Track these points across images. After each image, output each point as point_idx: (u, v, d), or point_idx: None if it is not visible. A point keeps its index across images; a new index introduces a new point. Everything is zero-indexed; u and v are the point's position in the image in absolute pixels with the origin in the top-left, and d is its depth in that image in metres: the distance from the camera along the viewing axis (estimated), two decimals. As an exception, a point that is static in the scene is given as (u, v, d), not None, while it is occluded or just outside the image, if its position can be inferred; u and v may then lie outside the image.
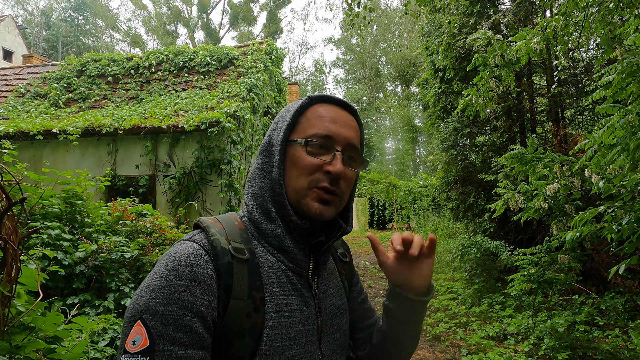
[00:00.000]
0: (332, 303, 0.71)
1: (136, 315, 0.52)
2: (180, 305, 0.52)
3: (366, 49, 28.84)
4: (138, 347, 0.50)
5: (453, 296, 5.35)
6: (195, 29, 29.92)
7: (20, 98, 8.49)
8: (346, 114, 0.69)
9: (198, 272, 0.55)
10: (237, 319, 0.56)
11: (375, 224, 17.60)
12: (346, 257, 0.85)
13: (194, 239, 0.61)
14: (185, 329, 0.52)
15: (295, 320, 0.62)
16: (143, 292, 0.54)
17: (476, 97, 4.53)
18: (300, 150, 0.64)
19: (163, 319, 0.51)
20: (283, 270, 0.64)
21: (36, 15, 27.49)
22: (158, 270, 0.55)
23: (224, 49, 8.12)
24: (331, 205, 0.65)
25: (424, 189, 8.44)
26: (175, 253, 0.57)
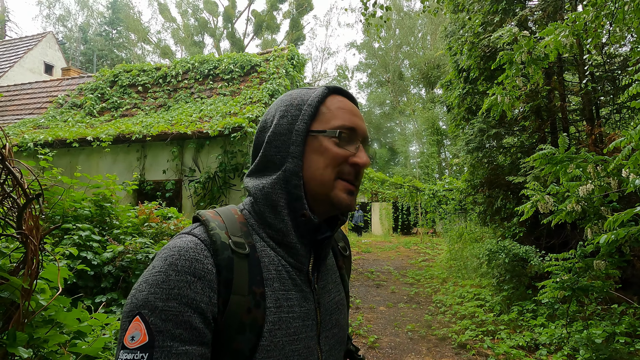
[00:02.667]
0: (331, 298, 0.70)
1: (135, 311, 0.51)
2: (180, 301, 0.51)
3: (389, 52, 28.63)
4: (137, 342, 0.50)
5: (480, 303, 5.14)
6: (221, 39, 30.82)
7: (59, 108, 9.03)
8: (355, 106, 0.70)
9: (198, 267, 0.54)
10: (238, 314, 0.55)
11: (400, 229, 17.30)
12: (346, 250, 0.83)
13: (194, 232, 0.59)
14: (185, 324, 0.51)
15: (295, 316, 0.61)
16: (142, 286, 0.53)
17: (502, 97, 4.38)
18: (328, 141, 0.63)
19: (162, 315, 0.50)
20: (283, 266, 0.63)
21: (75, 31, 29.27)
22: (157, 265, 0.54)
23: (246, 56, 8.30)
24: (355, 197, 0.65)
25: (449, 192, 8.21)
26: (175, 247, 0.56)
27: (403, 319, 4.88)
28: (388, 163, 26.27)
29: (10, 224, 0.89)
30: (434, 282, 6.96)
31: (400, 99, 28.41)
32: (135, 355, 0.49)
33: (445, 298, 5.70)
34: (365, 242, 14.35)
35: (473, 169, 6.83)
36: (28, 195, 0.88)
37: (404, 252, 11.59)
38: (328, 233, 0.66)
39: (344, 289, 0.77)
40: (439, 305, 5.44)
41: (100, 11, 30.01)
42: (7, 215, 0.90)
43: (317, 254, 0.67)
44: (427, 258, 10.07)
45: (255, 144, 0.70)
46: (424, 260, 9.74)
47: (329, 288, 0.71)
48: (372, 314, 5.14)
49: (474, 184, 6.93)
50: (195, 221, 0.64)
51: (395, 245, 13.39)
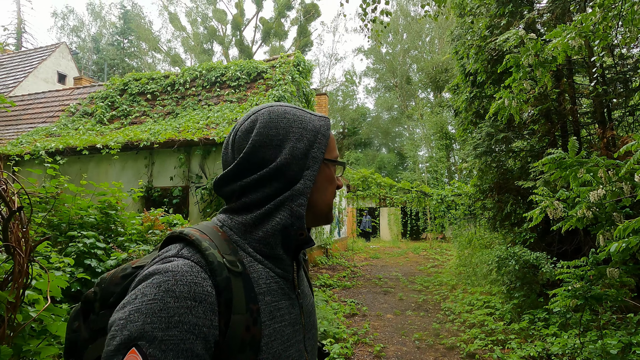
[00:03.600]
0: (308, 301, 0.75)
1: (129, 343, 0.48)
2: (181, 328, 0.49)
3: (396, 57, 28.60)
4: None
5: (490, 311, 5.02)
6: (229, 46, 31.21)
7: (71, 117, 9.22)
8: None
9: (198, 291, 0.52)
10: (238, 333, 0.55)
11: (409, 234, 17.11)
12: (305, 255, 0.89)
13: (183, 254, 0.57)
14: (186, 353, 0.49)
15: (286, 324, 0.63)
16: (133, 316, 0.50)
17: (509, 100, 4.32)
18: (333, 169, 0.72)
19: (162, 345, 0.48)
20: (272, 277, 0.64)
21: (88, 42, 30.01)
22: (148, 292, 0.51)
23: (253, 63, 8.37)
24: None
25: (458, 197, 8.09)
26: (167, 271, 0.53)
27: (410, 327, 4.79)
28: (397, 168, 26.12)
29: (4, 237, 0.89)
30: (443, 289, 6.84)
31: (408, 104, 28.30)
32: None
33: (454, 306, 5.59)
34: (373, 248, 14.23)
35: (482, 173, 6.73)
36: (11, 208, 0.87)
37: (412, 258, 11.45)
38: (312, 243, 0.70)
39: (311, 290, 0.83)
40: (448, 313, 5.33)
41: (113, 22, 30.73)
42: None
43: (297, 261, 0.72)
44: (436, 264, 9.92)
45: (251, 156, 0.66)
46: (433, 266, 9.59)
47: (305, 292, 0.76)
48: (378, 321, 5.06)
49: (483, 189, 6.82)
50: (176, 240, 0.61)
51: (404, 251, 13.24)
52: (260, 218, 0.64)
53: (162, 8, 30.63)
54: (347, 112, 31.55)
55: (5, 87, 12.14)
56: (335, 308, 5.39)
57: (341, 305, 5.62)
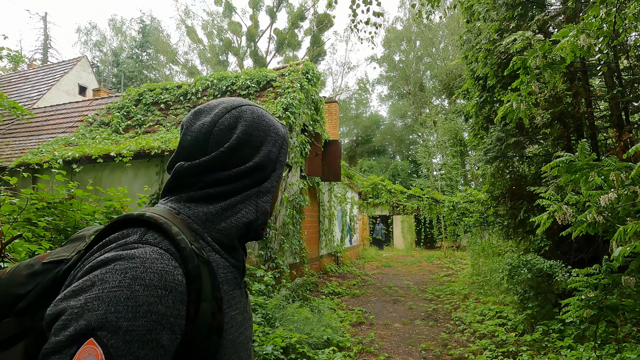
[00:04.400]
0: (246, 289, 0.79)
1: (87, 333, 0.44)
2: (149, 318, 0.47)
3: (409, 64, 28.51)
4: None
5: (502, 322, 4.84)
6: (244, 57, 31.83)
7: (89, 127, 9.54)
8: None
9: (168, 280, 0.50)
10: (206, 320, 0.55)
11: (423, 242, 16.80)
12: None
13: (148, 240, 0.53)
14: (151, 344, 0.46)
15: (239, 312, 0.65)
16: (92, 304, 0.46)
17: (517, 103, 4.22)
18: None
19: (127, 336, 0.45)
20: (227, 267, 0.65)
21: (109, 55, 31.20)
22: (111, 279, 0.48)
23: (262, 72, 8.49)
24: None
25: (470, 204, 7.90)
26: (134, 258, 0.50)
27: (418, 337, 4.66)
28: (410, 175, 25.81)
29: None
30: (455, 298, 6.65)
31: (422, 111, 28.08)
32: None
33: (465, 315, 5.41)
34: (386, 256, 14.02)
35: (493, 179, 6.56)
36: None
37: (426, 267, 11.21)
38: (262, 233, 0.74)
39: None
40: (458, 323, 5.16)
41: (133, 36, 31.89)
42: None
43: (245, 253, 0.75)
44: (449, 273, 9.67)
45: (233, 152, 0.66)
46: (446, 275, 9.36)
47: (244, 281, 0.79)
48: (386, 330, 4.94)
49: (495, 195, 6.64)
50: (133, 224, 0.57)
51: (417, 259, 12.99)
52: (224, 209, 0.65)
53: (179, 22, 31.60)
54: (361, 120, 31.53)
55: (30, 99, 12.70)
56: (342, 316, 5.30)
57: (348, 314, 5.52)
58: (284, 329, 3.64)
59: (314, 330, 3.90)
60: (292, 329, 3.80)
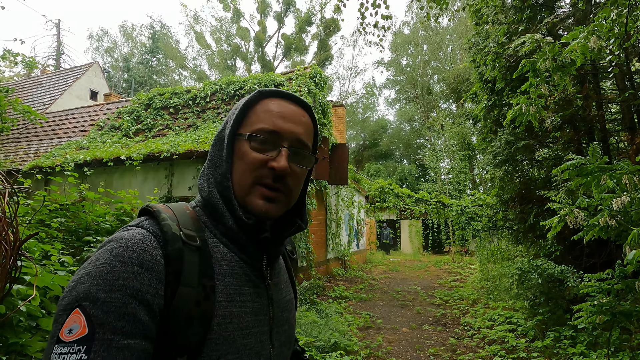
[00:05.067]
0: (282, 296, 0.72)
1: (74, 303, 0.49)
2: (124, 292, 0.50)
3: (417, 68, 28.47)
4: (75, 335, 0.47)
5: (512, 327, 4.77)
6: (252, 62, 32.11)
7: (100, 130, 9.69)
8: (297, 109, 0.68)
9: (146, 259, 0.53)
10: (186, 306, 0.54)
11: (431, 247, 16.66)
12: (294, 254, 0.86)
13: (142, 224, 0.59)
14: (128, 317, 0.49)
15: (247, 310, 0.61)
16: (83, 278, 0.51)
17: (527, 106, 4.19)
18: (246, 145, 0.64)
19: (104, 307, 0.49)
20: (237, 262, 0.63)
21: (120, 61, 31.72)
22: (101, 257, 0.53)
23: (270, 76, 8.55)
24: (277, 203, 0.64)
25: (479, 208, 7.83)
26: (121, 239, 0.55)
27: (426, 342, 4.61)
28: (418, 179, 25.67)
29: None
30: (463, 303, 6.57)
31: (430, 115, 27.97)
32: (71, 349, 0.47)
33: (474, 321, 5.35)
34: (393, 261, 13.92)
35: (502, 183, 6.49)
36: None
37: (433, 272, 11.11)
38: (266, 234, 0.65)
39: (293, 290, 0.79)
40: (467, 329, 5.10)
41: (143, 42, 32.40)
42: None
43: (268, 252, 0.68)
44: (458, 278, 9.57)
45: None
46: (455, 280, 9.26)
47: (281, 286, 0.73)
48: (393, 335, 4.90)
49: (504, 199, 6.57)
50: (143, 214, 0.64)
51: (425, 264, 12.88)
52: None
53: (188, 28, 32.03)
54: (368, 124, 31.51)
55: (43, 104, 12.97)
56: (349, 320, 5.27)
57: (355, 318, 5.49)
58: (291, 332, 3.64)
59: (322, 334, 3.89)
60: (300, 332, 3.79)
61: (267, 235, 0.65)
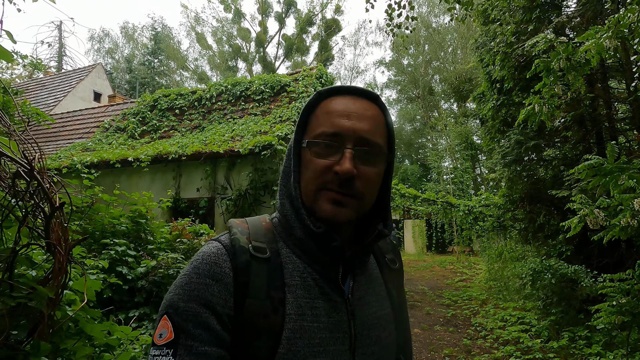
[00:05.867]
0: (370, 312, 0.65)
1: (163, 310, 0.55)
2: (198, 302, 0.54)
3: (418, 68, 28.48)
4: (164, 339, 0.52)
5: (525, 327, 4.76)
6: (253, 63, 32.12)
7: (105, 132, 9.68)
8: (362, 102, 0.63)
9: (216, 271, 0.56)
10: (253, 318, 0.55)
11: (434, 247, 16.63)
12: (395, 263, 0.77)
13: (220, 239, 0.63)
14: (203, 325, 0.53)
15: (321, 326, 0.58)
16: (172, 288, 0.57)
17: (540, 106, 4.18)
18: (308, 152, 0.62)
19: (184, 315, 0.53)
20: (309, 273, 0.61)
21: (122, 62, 31.73)
22: (186, 269, 0.59)
23: (276, 77, 8.54)
24: (347, 207, 0.60)
25: (486, 208, 7.82)
26: (201, 252, 0.60)
27: (439, 343, 4.60)
28: (420, 179, 25.67)
29: (41, 234, 0.93)
30: (473, 303, 6.56)
31: (431, 115, 27.97)
32: (162, 352, 0.52)
33: (485, 321, 5.34)
34: (398, 261, 13.90)
35: (511, 183, 6.49)
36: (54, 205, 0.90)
37: (439, 272, 11.09)
38: (336, 243, 0.61)
39: (391, 304, 0.71)
40: (479, 329, 5.09)
41: (145, 43, 32.42)
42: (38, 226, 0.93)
43: (344, 262, 0.63)
44: (464, 278, 9.56)
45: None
46: (461, 280, 9.24)
47: (368, 300, 0.66)
48: (406, 336, 4.89)
49: (513, 199, 6.56)
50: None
51: (429, 264, 12.87)
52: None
53: (189, 28, 32.04)
54: (369, 124, 31.49)
55: (47, 106, 12.95)
56: (360, 321, 5.27)
57: (366, 319, 5.48)
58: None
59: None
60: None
61: (337, 244, 0.60)
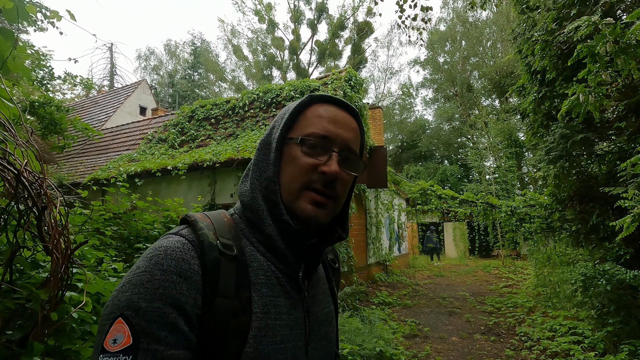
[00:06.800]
0: (320, 309, 0.69)
1: (117, 312, 0.49)
2: (164, 301, 0.50)
3: (455, 65, 27.45)
4: (120, 345, 0.47)
5: (577, 339, 4.33)
6: (287, 70, 32.77)
7: (148, 143, 10.31)
8: (346, 115, 0.68)
9: (184, 267, 0.53)
10: (222, 318, 0.54)
11: (477, 251, 15.81)
12: (335, 263, 0.82)
13: (181, 233, 0.59)
14: (170, 327, 0.49)
15: (282, 324, 0.59)
16: (125, 287, 0.51)
17: (585, 95, 3.85)
18: (296, 149, 0.63)
19: (147, 316, 0.48)
20: (273, 271, 0.61)
21: (165, 77, 33.77)
22: (141, 265, 0.53)
23: (306, 82, 8.61)
24: (325, 209, 0.63)
25: (531, 208, 7.28)
26: (161, 247, 0.55)
27: (479, 353, 4.31)
28: (461, 180, 24.59)
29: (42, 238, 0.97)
30: (518, 311, 6.11)
31: (470, 112, 26.79)
32: (117, 359, 0.46)
33: (531, 331, 4.94)
34: (437, 265, 13.39)
35: (558, 180, 5.99)
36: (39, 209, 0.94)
37: (482, 277, 10.51)
38: (313, 240, 0.63)
39: (333, 301, 0.76)
40: (524, 339, 4.71)
41: (185, 58, 34.29)
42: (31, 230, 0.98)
43: (307, 261, 0.66)
44: (509, 284, 8.97)
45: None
46: (506, 286, 8.68)
47: (318, 298, 0.69)
48: (442, 344, 4.65)
49: (561, 198, 6.05)
50: (182, 223, 0.64)
51: (472, 268, 12.25)
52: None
53: (226, 41, 33.38)
54: (405, 125, 30.84)
55: (99, 121, 14.06)
56: (394, 328, 5.09)
57: (400, 325, 5.29)
58: (335, 340, 3.56)
59: (366, 342, 3.77)
60: (344, 339, 3.70)
61: (315, 241, 0.63)
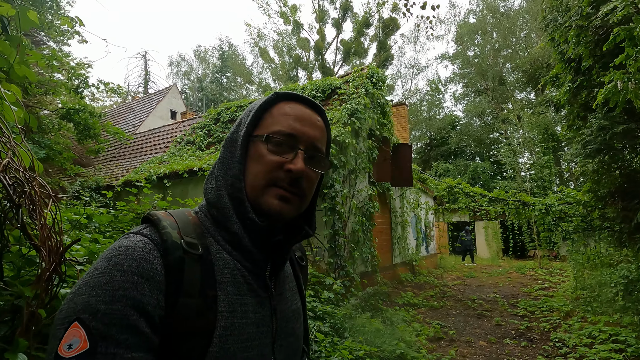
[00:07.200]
0: (287, 306, 0.69)
1: (72, 316, 0.47)
2: (125, 303, 0.48)
3: (486, 58, 26.39)
4: (75, 350, 0.44)
5: (619, 347, 4.00)
6: (313, 71, 32.90)
7: (178, 146, 10.68)
8: (312, 113, 0.68)
9: (146, 267, 0.51)
10: (187, 318, 0.52)
11: (512, 251, 15.08)
12: (303, 260, 0.82)
13: (142, 232, 0.57)
14: (131, 329, 0.47)
15: (249, 322, 0.58)
16: (81, 289, 0.49)
17: (623, 82, 3.56)
18: (262, 146, 0.63)
19: (105, 319, 0.46)
20: (239, 270, 0.60)
21: (195, 82, 34.96)
22: (100, 266, 0.51)
23: (327, 81, 8.57)
24: (291, 204, 0.63)
25: (568, 206, 6.83)
26: (121, 247, 0.53)
27: (508, 359, 4.09)
28: (493, 178, 23.58)
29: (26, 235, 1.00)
30: (554, 315, 5.75)
31: (503, 107, 25.65)
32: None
33: (567, 336, 4.62)
34: (468, 266, 12.91)
35: (597, 176, 5.58)
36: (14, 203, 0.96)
37: (516, 278, 10.02)
38: (279, 237, 0.64)
39: (300, 298, 0.76)
40: (559, 345, 4.42)
41: (214, 62, 35.31)
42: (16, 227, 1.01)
43: (274, 259, 0.66)
44: (546, 286, 8.48)
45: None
46: (542, 288, 8.21)
47: (285, 295, 0.69)
48: (468, 348, 4.46)
49: (601, 195, 5.63)
50: (144, 221, 0.62)
51: (505, 269, 11.72)
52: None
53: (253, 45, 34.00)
54: (433, 122, 30.03)
55: (133, 126, 14.77)
56: (418, 330, 4.94)
57: (425, 327, 5.13)
58: (352, 340, 3.50)
59: (386, 344, 3.67)
60: (362, 340, 3.63)
61: (281, 238, 0.64)
